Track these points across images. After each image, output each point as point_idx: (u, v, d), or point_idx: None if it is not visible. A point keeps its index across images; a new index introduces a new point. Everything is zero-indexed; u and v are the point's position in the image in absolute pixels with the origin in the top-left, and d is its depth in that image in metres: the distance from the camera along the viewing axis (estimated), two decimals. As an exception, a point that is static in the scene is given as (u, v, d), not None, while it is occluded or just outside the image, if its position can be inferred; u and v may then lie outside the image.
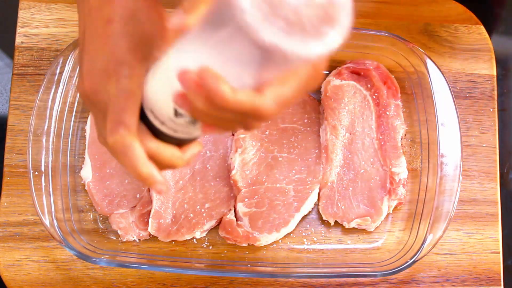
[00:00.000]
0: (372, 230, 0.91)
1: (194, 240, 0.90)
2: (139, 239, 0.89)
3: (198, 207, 0.89)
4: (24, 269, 0.88)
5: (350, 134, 0.93)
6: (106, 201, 0.89)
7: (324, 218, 0.90)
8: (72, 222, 0.88)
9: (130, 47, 0.57)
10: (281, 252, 0.90)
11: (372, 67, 0.94)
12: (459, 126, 0.88)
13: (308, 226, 0.91)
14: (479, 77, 0.97)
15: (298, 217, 0.89)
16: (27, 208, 0.90)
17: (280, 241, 0.90)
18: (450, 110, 0.88)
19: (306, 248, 0.90)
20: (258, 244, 0.88)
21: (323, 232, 0.91)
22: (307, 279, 0.89)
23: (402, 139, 0.93)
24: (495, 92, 0.96)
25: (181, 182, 0.90)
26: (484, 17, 1.01)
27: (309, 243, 0.91)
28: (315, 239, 0.91)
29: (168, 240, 0.88)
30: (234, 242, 0.89)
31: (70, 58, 0.87)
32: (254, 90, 0.50)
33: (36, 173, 0.85)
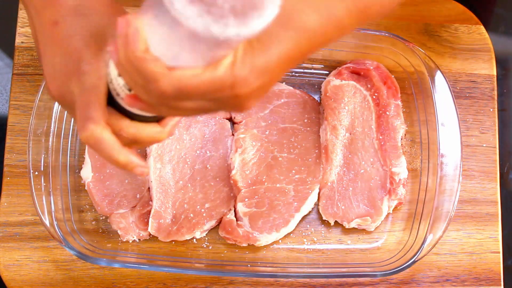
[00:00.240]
0: (372, 230, 0.91)
1: (194, 240, 0.90)
2: (139, 239, 0.89)
3: (198, 207, 0.89)
4: (24, 269, 0.88)
5: (350, 134, 0.93)
6: (106, 201, 0.89)
7: (324, 218, 0.90)
8: (72, 222, 0.88)
9: (82, 44, 0.57)
10: (281, 252, 0.90)
11: (372, 67, 0.94)
12: (459, 126, 0.88)
13: (308, 226, 0.91)
14: (479, 77, 0.97)
15: (298, 217, 0.89)
16: (27, 208, 0.90)
17: (280, 241, 0.90)
18: (450, 110, 0.88)
19: (306, 248, 0.90)
20: (258, 244, 0.88)
21: (323, 232, 0.91)
22: (307, 279, 0.89)
23: (402, 139, 0.93)
24: (495, 92, 0.96)
25: (181, 182, 0.90)
26: (484, 17, 1.01)
27: (309, 243, 0.91)
28: (315, 239, 0.91)
29: (168, 240, 0.88)
30: (234, 242, 0.89)
31: (70, 58, 0.87)
32: (231, 62, 0.50)
33: (36, 173, 0.85)
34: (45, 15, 0.58)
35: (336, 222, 0.90)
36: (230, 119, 0.94)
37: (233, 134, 0.93)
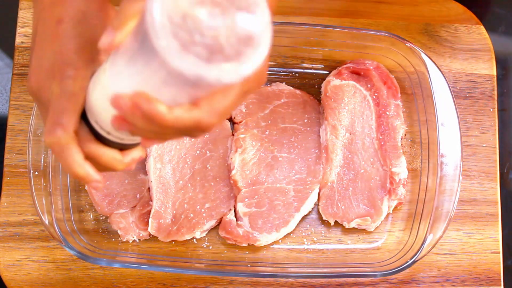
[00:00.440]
0: (372, 230, 0.91)
1: (194, 240, 0.90)
2: (139, 239, 0.89)
3: (198, 207, 0.89)
4: (24, 269, 0.88)
5: (350, 134, 0.93)
6: (106, 201, 0.89)
7: (324, 218, 0.90)
8: (72, 222, 0.88)
9: (77, 48, 0.57)
10: (281, 252, 0.90)
11: (372, 67, 0.94)
12: (459, 126, 0.88)
13: (308, 226, 0.91)
14: (479, 77, 0.97)
15: (298, 217, 0.89)
16: (27, 208, 0.90)
17: (280, 241, 0.90)
18: (450, 110, 0.88)
19: (306, 248, 0.90)
20: (258, 244, 0.88)
21: (323, 232, 0.91)
22: (307, 279, 0.89)
23: (402, 139, 0.93)
24: (495, 92, 0.96)
25: (181, 182, 0.90)
26: (484, 17, 1.01)
27: (309, 243, 0.91)
28: (315, 239, 0.91)
29: (168, 240, 0.88)
30: (234, 242, 0.89)
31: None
32: (191, 104, 0.51)
33: (36, 173, 0.85)
34: (52, 11, 0.59)
35: (336, 222, 0.90)
36: (230, 119, 0.94)
37: (233, 134, 0.93)
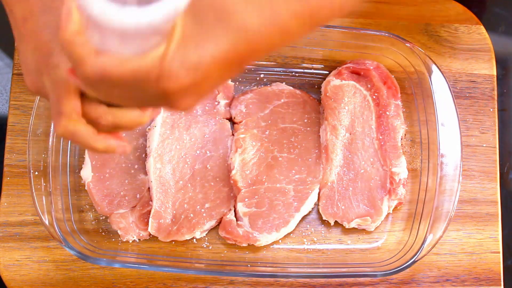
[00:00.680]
0: (372, 230, 0.91)
1: (194, 240, 0.90)
2: (139, 239, 0.89)
3: (198, 207, 0.89)
4: (24, 269, 0.88)
5: (350, 134, 0.93)
6: (106, 201, 0.89)
7: (324, 218, 0.90)
8: (72, 222, 0.88)
9: (50, 38, 0.57)
10: (281, 252, 0.90)
11: (372, 67, 0.94)
12: (459, 126, 0.88)
13: (308, 226, 0.91)
14: (479, 77, 0.97)
15: (298, 217, 0.89)
16: (27, 208, 0.90)
17: (280, 241, 0.90)
18: (450, 110, 0.88)
19: (306, 248, 0.90)
20: (258, 244, 0.88)
21: (323, 232, 0.91)
22: (307, 279, 0.89)
23: (402, 139, 0.93)
24: (495, 92, 0.96)
25: (181, 182, 0.90)
26: (484, 17, 1.01)
27: (309, 243, 0.91)
28: (315, 239, 0.91)
29: (168, 240, 0.88)
30: (234, 242, 0.89)
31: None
32: (161, 56, 0.49)
33: (36, 173, 0.85)
34: (16, 12, 0.59)
35: (336, 222, 0.91)
36: (230, 119, 0.94)
37: (233, 134, 0.93)
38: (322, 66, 0.97)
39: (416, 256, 0.84)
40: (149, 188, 0.90)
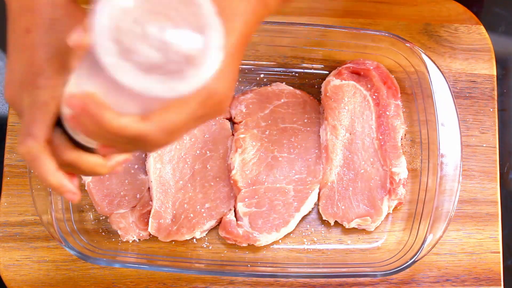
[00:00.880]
0: (372, 230, 0.91)
1: (194, 240, 0.90)
2: (139, 239, 0.89)
3: (198, 207, 0.89)
4: (24, 269, 0.88)
5: (350, 134, 0.93)
6: (106, 201, 0.89)
7: (324, 218, 0.90)
8: (72, 222, 0.88)
9: (47, 58, 0.57)
10: (281, 252, 0.90)
11: (372, 67, 0.94)
12: (459, 126, 0.88)
13: (308, 226, 0.91)
14: (479, 77, 0.97)
15: (298, 217, 0.89)
16: (27, 208, 0.90)
17: (280, 241, 0.90)
18: (450, 110, 0.88)
19: (306, 248, 0.90)
20: (258, 244, 0.88)
21: (323, 232, 0.91)
22: (307, 279, 0.89)
23: (402, 139, 0.93)
24: (495, 92, 0.96)
25: (181, 182, 0.90)
26: (484, 17, 1.01)
27: (309, 243, 0.91)
28: (315, 239, 0.91)
29: (168, 240, 0.88)
30: (234, 242, 0.89)
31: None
32: (141, 116, 0.51)
33: (36, 173, 0.85)
34: (20, 21, 0.58)
35: (336, 222, 0.90)
36: (230, 119, 0.94)
37: (233, 134, 0.93)
38: (322, 66, 0.96)
39: (416, 256, 0.84)
40: (149, 188, 0.90)
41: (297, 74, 0.96)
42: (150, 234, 0.89)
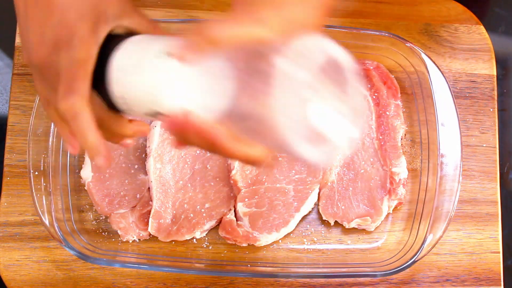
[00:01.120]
0: (372, 230, 0.91)
1: (194, 240, 0.90)
2: (139, 239, 0.89)
3: (198, 207, 0.89)
4: (24, 269, 0.88)
5: (350, 134, 0.93)
6: (106, 201, 0.89)
7: (324, 218, 0.90)
8: (72, 222, 0.88)
9: (77, 17, 0.56)
10: (281, 252, 0.90)
11: (372, 67, 0.94)
12: (459, 126, 0.88)
13: (308, 226, 0.91)
14: (479, 77, 0.97)
15: (298, 217, 0.89)
16: (27, 208, 0.90)
17: (280, 241, 0.90)
18: (450, 110, 0.88)
19: (306, 248, 0.90)
20: (258, 244, 0.88)
21: (323, 232, 0.91)
22: (307, 279, 0.89)
23: (402, 139, 0.93)
24: (495, 92, 0.96)
25: (181, 182, 0.90)
26: (484, 17, 1.01)
27: (309, 243, 0.91)
28: (315, 239, 0.91)
29: (168, 240, 0.88)
30: (234, 242, 0.89)
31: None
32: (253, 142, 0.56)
33: (36, 173, 0.85)
34: None
35: (336, 222, 0.90)
36: (230, 119, 0.94)
37: (233, 134, 0.93)
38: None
39: (416, 256, 0.84)
40: (149, 188, 0.90)
41: (297, 74, 0.96)
42: (150, 234, 0.89)
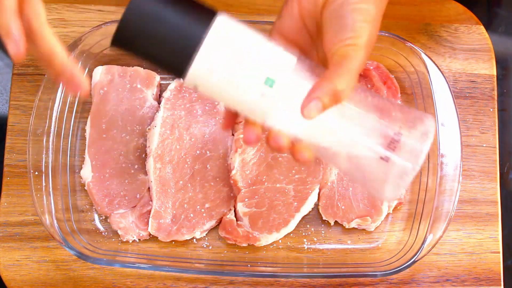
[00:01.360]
0: (372, 230, 0.91)
1: (194, 240, 0.90)
2: (139, 239, 0.89)
3: (198, 207, 0.89)
4: (24, 269, 0.88)
5: (350, 134, 0.93)
6: (106, 201, 0.89)
7: (324, 218, 0.90)
8: (72, 222, 0.88)
9: None
10: (281, 252, 0.90)
11: (372, 67, 0.94)
12: (459, 126, 0.88)
13: (308, 226, 0.91)
14: (479, 77, 0.97)
15: (298, 217, 0.89)
16: (27, 208, 0.90)
17: (280, 241, 0.90)
18: (450, 110, 0.88)
19: (306, 248, 0.90)
20: (258, 244, 0.88)
21: (323, 232, 0.91)
22: (307, 279, 0.89)
23: (402, 139, 0.93)
24: (495, 92, 0.96)
25: (181, 182, 0.90)
26: (484, 17, 1.01)
27: (309, 243, 0.91)
28: (315, 239, 0.91)
29: (168, 240, 0.88)
30: (234, 242, 0.89)
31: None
32: None
33: (36, 173, 0.85)
34: None
35: (336, 222, 0.90)
36: (230, 119, 0.94)
37: (233, 134, 0.93)
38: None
39: (416, 256, 0.84)
40: (149, 188, 0.90)
41: (297, 74, 0.96)
42: (150, 234, 0.89)
